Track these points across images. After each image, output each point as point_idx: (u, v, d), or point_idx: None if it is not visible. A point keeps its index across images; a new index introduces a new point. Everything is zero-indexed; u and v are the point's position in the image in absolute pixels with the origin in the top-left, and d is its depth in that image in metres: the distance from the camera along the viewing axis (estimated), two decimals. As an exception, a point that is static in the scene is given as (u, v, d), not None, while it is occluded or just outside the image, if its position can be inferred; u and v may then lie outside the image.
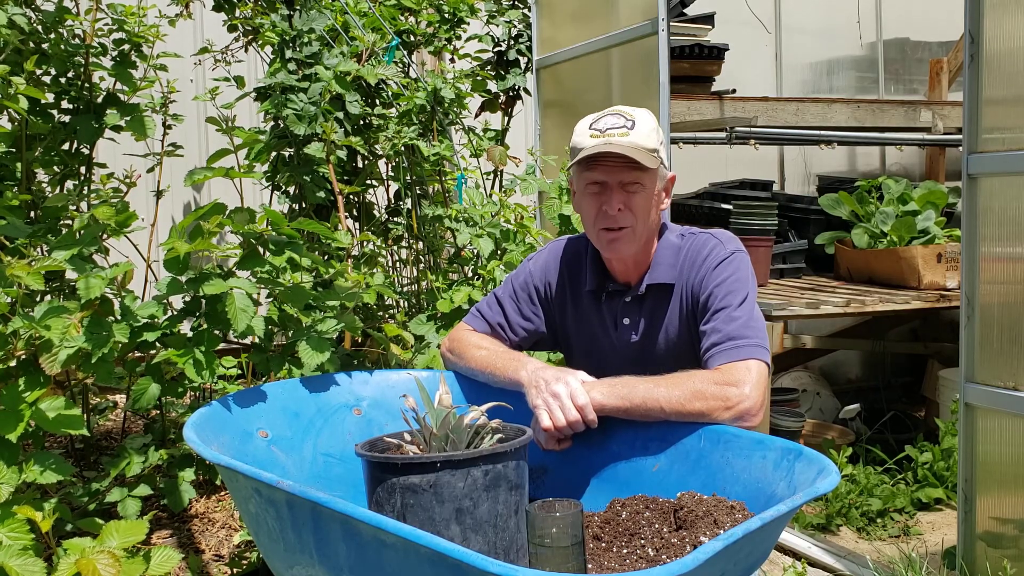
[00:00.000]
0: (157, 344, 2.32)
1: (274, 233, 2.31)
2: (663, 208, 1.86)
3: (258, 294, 2.27)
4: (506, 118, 4.36)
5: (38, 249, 2.37)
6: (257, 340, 2.40)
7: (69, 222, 2.61)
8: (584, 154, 1.75)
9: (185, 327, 2.38)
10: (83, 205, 2.94)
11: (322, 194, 3.25)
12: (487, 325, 1.99)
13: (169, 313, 2.32)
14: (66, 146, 2.99)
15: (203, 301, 2.28)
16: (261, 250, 2.35)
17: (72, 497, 2.60)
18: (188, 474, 2.70)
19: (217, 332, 2.29)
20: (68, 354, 2.08)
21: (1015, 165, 2.38)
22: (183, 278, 2.23)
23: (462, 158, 3.52)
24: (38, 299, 2.29)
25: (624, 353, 1.88)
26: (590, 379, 1.70)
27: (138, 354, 2.60)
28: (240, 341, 2.49)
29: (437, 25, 4.12)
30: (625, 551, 1.41)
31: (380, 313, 3.48)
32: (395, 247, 3.80)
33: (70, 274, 2.39)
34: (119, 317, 2.24)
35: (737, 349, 1.69)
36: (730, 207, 4.33)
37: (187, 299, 2.33)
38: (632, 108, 1.81)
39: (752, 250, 4.07)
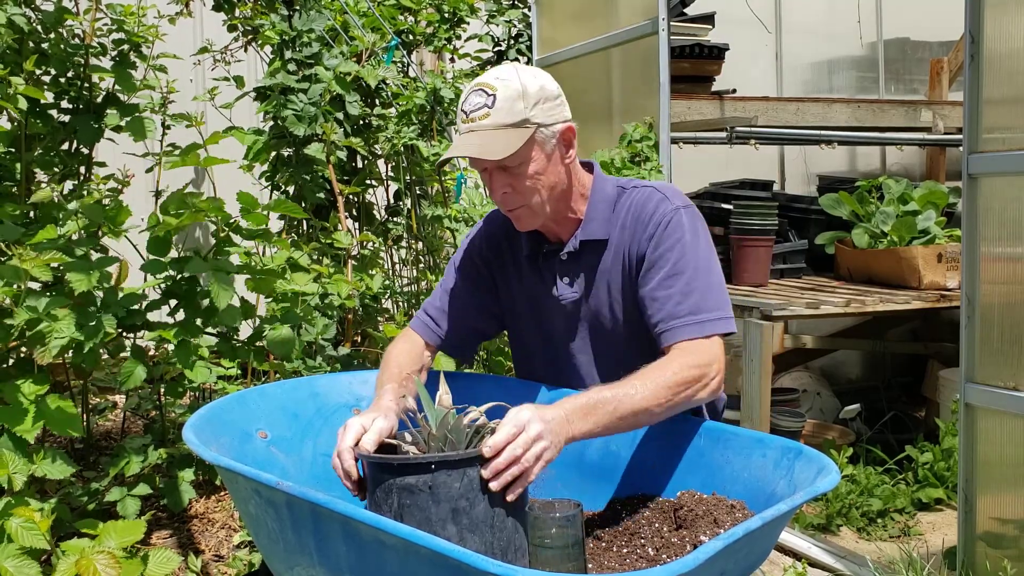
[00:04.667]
0: (144, 331, 2.37)
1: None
2: (568, 161, 1.73)
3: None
4: (506, 118, 4.35)
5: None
6: (225, 330, 2.45)
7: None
8: (449, 152, 1.66)
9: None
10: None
11: (321, 195, 3.25)
12: (430, 319, 1.92)
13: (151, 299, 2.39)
14: (65, 146, 2.98)
15: (184, 286, 2.34)
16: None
17: (71, 497, 2.60)
18: (188, 474, 2.70)
19: (199, 321, 2.33)
20: (61, 344, 2.10)
21: (1016, 165, 2.37)
22: (166, 259, 2.29)
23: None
24: (25, 295, 2.31)
25: (569, 312, 1.83)
26: (548, 408, 1.43)
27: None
28: (217, 332, 2.53)
29: (437, 25, 4.13)
30: (625, 550, 1.41)
31: (378, 317, 3.48)
32: (395, 247, 3.80)
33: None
34: (100, 308, 2.27)
35: (700, 325, 1.63)
36: (730, 207, 4.32)
37: (168, 284, 2.37)
38: (500, 71, 1.66)
39: (752, 250, 4.12)
